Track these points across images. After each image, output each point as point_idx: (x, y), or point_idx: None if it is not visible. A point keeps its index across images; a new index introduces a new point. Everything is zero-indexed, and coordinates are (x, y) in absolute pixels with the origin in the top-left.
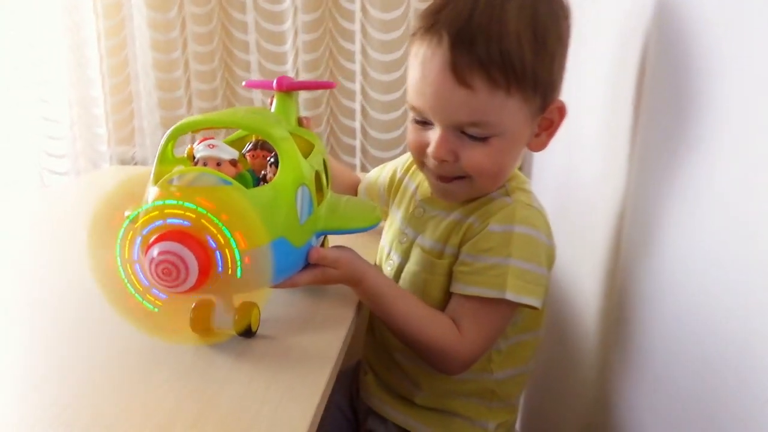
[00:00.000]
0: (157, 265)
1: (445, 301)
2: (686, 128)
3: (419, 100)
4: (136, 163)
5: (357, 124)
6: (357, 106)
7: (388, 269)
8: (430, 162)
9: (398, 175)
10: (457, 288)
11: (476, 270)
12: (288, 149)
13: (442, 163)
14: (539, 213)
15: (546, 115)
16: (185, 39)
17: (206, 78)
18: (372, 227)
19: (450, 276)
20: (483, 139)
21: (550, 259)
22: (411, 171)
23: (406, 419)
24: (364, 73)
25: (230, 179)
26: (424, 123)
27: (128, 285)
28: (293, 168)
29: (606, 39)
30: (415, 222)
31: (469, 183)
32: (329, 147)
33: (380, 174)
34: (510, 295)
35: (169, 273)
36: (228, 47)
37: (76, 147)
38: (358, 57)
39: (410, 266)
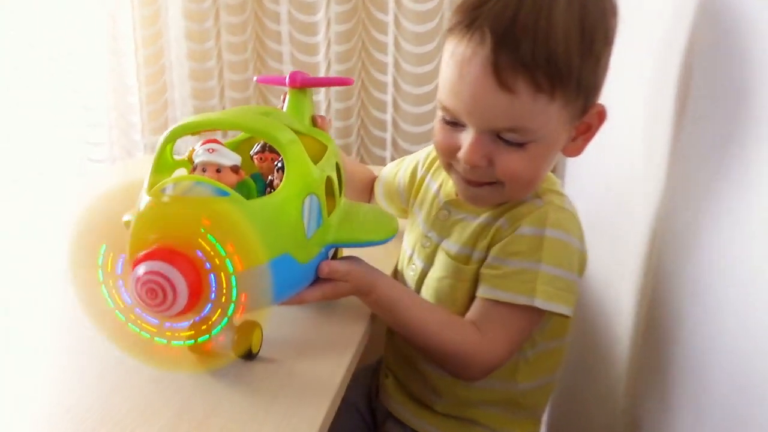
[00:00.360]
0: (142, 286)
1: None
2: (731, 133)
3: (453, 101)
4: None
5: (388, 117)
6: (388, 98)
7: (411, 274)
8: (460, 166)
9: (419, 173)
10: (483, 291)
11: (504, 274)
12: (295, 154)
13: (474, 169)
14: (572, 216)
15: (585, 119)
16: (219, 29)
17: (239, 68)
18: (387, 240)
19: (473, 279)
20: (519, 145)
21: (582, 264)
22: (433, 169)
23: (425, 426)
24: (396, 65)
25: (228, 189)
26: (455, 124)
27: (112, 304)
28: (300, 176)
29: (649, 36)
30: (439, 225)
31: (500, 189)
32: (359, 139)
33: (398, 170)
34: (539, 302)
35: (155, 295)
36: (261, 37)
37: (112, 135)
38: (390, 48)
39: (434, 272)
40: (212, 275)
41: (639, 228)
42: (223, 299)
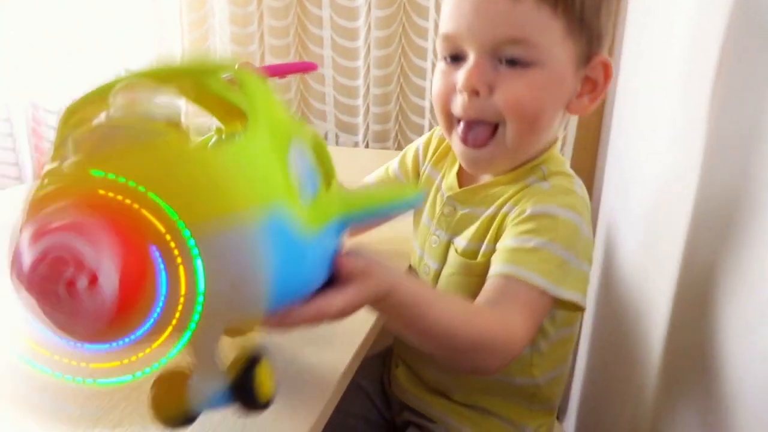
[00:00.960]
0: (35, 270)
1: None
2: (763, 131)
3: (455, 21)
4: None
5: (426, 103)
6: (427, 85)
7: (425, 276)
8: (458, 106)
9: (421, 165)
10: (498, 268)
11: (517, 249)
12: (260, 91)
13: (473, 98)
14: (582, 200)
15: (589, 72)
16: (261, 12)
17: (281, 53)
18: (417, 202)
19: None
20: (522, 67)
21: (590, 252)
22: (434, 160)
23: (442, 416)
24: (436, 51)
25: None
26: (455, 59)
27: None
28: (276, 116)
29: (679, 21)
30: (445, 222)
31: (502, 140)
32: (397, 125)
33: (389, 167)
34: (551, 286)
35: (54, 280)
36: (303, 22)
37: None
38: (430, 34)
39: (447, 269)
40: (156, 251)
41: (677, 227)
42: (182, 290)
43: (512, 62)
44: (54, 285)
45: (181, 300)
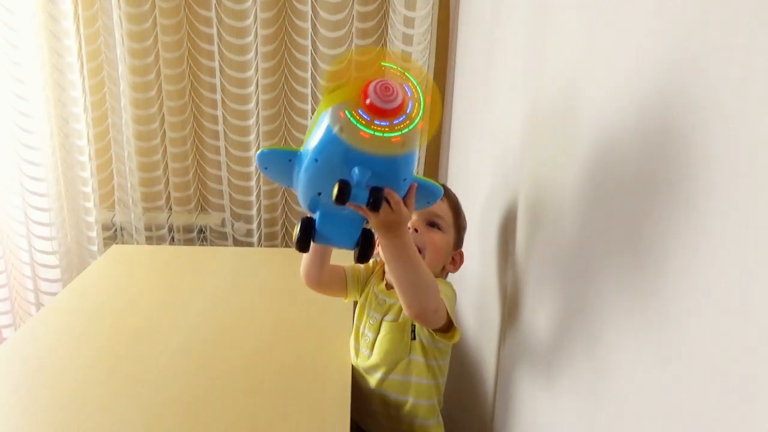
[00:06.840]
0: (381, 86)
1: (406, 350)
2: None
3: None
4: (115, 230)
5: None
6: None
7: (366, 341)
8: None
9: (367, 271)
10: None
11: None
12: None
13: (414, 233)
14: (451, 289)
15: (454, 255)
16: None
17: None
18: (440, 194)
19: (405, 330)
20: (437, 229)
21: (452, 303)
22: (372, 275)
23: None
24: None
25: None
26: None
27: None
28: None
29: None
30: (379, 308)
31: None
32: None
33: (356, 266)
34: (447, 302)
35: (387, 89)
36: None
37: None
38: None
39: (381, 336)
40: (411, 102)
41: (495, 306)
42: (415, 108)
43: (433, 224)
44: (386, 91)
45: (415, 108)
